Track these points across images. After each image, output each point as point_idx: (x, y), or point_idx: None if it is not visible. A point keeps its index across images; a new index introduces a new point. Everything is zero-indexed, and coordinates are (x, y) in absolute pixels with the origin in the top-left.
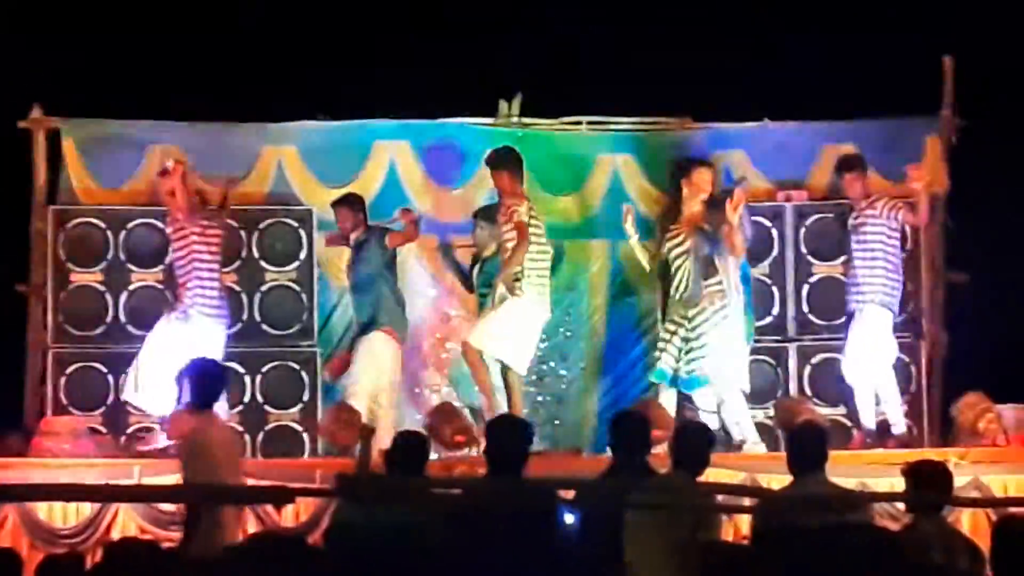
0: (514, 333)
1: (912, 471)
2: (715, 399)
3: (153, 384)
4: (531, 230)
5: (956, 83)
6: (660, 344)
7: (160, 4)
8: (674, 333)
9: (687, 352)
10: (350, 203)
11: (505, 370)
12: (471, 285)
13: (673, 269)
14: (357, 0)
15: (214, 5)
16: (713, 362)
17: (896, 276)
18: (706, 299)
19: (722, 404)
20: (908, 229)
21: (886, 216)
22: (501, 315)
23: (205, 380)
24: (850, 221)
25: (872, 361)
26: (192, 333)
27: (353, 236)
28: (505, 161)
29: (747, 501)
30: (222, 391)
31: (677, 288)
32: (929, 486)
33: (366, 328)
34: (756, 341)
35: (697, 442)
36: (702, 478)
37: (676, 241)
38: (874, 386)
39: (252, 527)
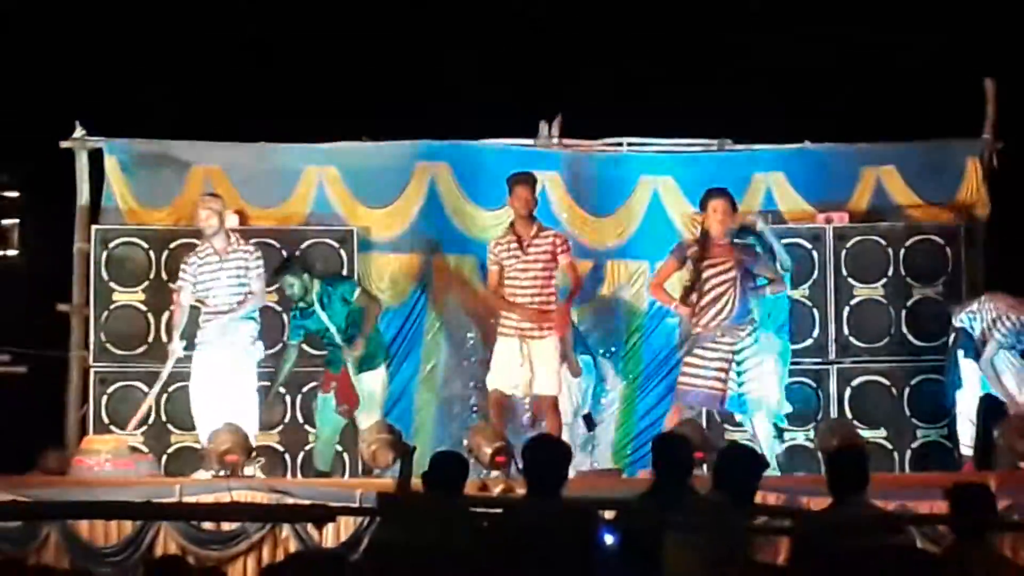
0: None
1: (954, 493)
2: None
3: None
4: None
5: (998, 105)
6: (696, 369)
7: (202, 24)
8: (712, 359)
9: (736, 375)
10: (294, 270)
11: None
12: None
13: (713, 295)
14: (399, 22)
15: (257, 26)
16: (758, 387)
17: None
18: (746, 327)
19: (758, 428)
20: (949, 252)
21: None
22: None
23: None
24: None
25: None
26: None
27: (307, 299)
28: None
29: (787, 523)
30: None
31: (719, 314)
32: (972, 508)
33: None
34: (796, 364)
35: (741, 466)
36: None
37: (720, 268)
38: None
39: (292, 546)
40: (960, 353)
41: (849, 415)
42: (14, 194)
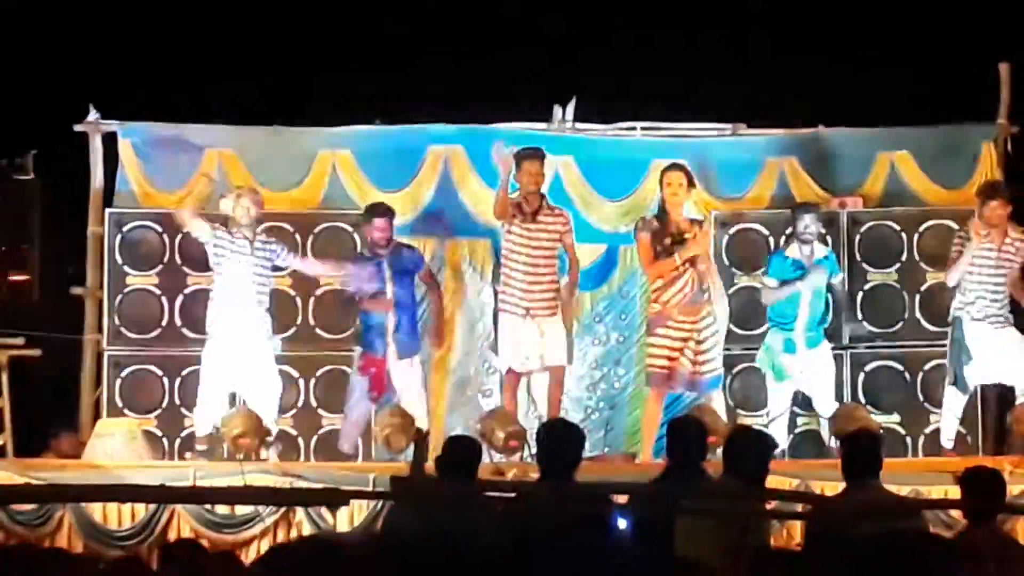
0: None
1: (966, 478)
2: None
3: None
4: None
5: (1013, 90)
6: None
7: (216, 7)
8: (686, 339)
9: (700, 354)
10: (391, 215)
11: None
12: None
13: (674, 275)
14: (412, 6)
15: (270, 9)
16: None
17: None
18: (703, 305)
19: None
20: None
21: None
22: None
23: None
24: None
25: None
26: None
27: (387, 249)
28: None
29: (800, 508)
30: None
31: (677, 293)
32: (983, 493)
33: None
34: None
35: (750, 448)
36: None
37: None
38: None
39: (306, 530)
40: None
41: (862, 400)
42: (28, 177)
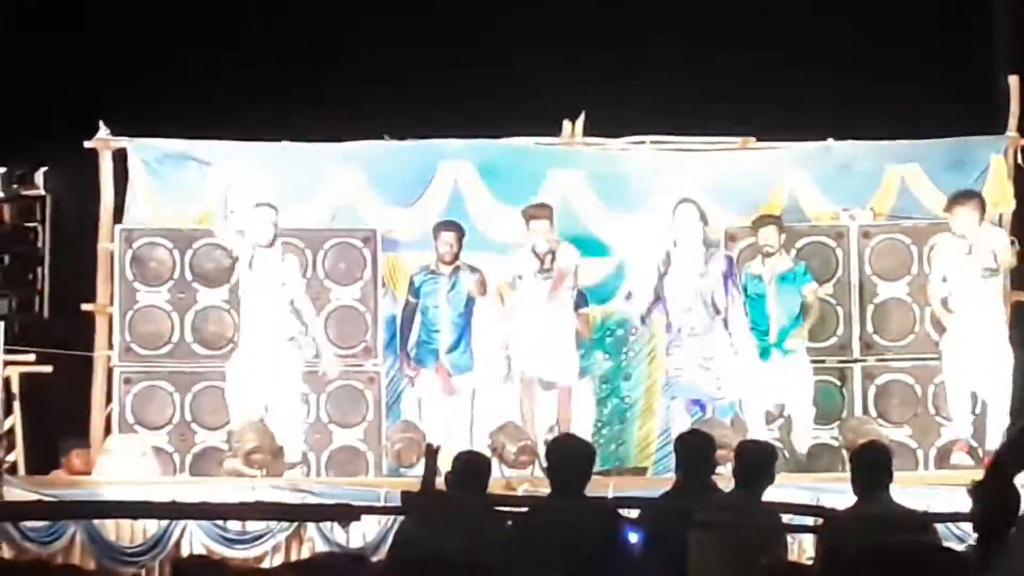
0: None
1: (976, 491)
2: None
3: None
4: None
5: (1022, 102)
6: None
7: (225, 24)
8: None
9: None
10: (460, 232)
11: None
12: None
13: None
14: (421, 21)
15: (280, 25)
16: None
17: None
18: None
19: None
20: None
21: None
22: None
23: None
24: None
25: None
26: None
27: (452, 267)
28: None
29: (812, 521)
30: None
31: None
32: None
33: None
34: (819, 362)
35: (758, 459)
36: (765, 494)
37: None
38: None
39: (318, 546)
40: None
41: (873, 413)
42: (38, 193)
